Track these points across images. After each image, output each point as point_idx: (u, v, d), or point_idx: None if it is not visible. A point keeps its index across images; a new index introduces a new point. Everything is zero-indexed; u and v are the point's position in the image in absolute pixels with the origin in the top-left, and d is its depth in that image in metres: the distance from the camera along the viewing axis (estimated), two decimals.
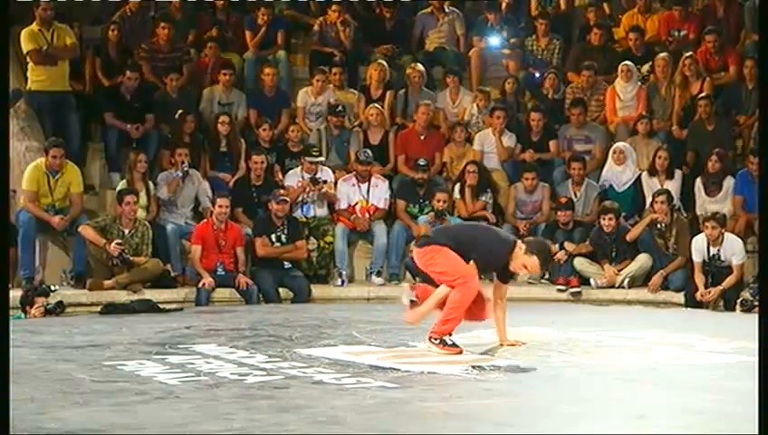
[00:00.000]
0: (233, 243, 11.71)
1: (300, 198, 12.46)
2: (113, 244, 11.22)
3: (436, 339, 7.63)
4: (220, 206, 11.62)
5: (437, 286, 7.77)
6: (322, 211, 12.63)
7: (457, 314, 7.62)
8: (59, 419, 5.41)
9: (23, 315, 10.23)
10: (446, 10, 14.99)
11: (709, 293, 11.02)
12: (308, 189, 12.47)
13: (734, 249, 11.14)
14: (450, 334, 7.65)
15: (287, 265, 11.93)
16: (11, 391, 5.67)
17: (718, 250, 11.13)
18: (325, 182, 12.54)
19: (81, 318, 10.24)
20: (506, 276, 7.90)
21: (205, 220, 11.91)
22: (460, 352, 7.53)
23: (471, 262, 7.62)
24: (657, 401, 5.96)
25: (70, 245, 11.80)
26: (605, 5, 15.57)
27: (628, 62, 13.72)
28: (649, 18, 14.82)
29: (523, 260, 7.68)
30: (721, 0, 14.46)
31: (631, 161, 12.80)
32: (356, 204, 12.62)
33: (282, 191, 12.21)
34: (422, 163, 12.67)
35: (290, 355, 7.44)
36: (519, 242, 7.85)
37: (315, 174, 12.51)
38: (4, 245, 10.32)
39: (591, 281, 11.91)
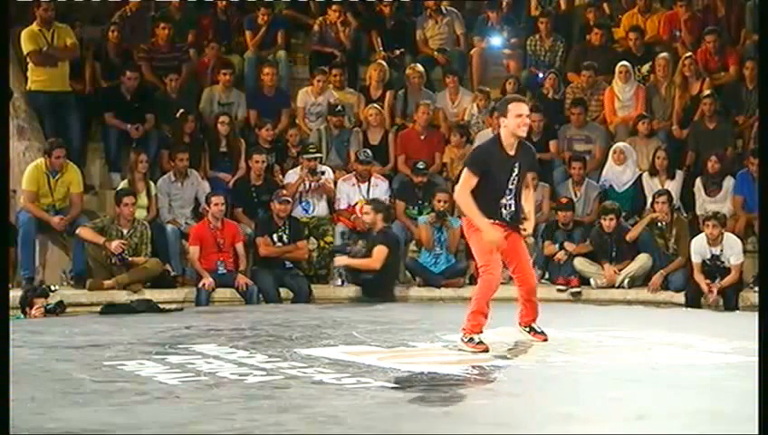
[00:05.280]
0: (231, 241, 11.71)
1: (299, 188, 12.44)
2: (117, 241, 11.22)
3: (465, 337, 7.69)
4: (216, 204, 11.62)
5: None
6: (322, 210, 12.63)
7: (478, 307, 7.70)
8: (59, 419, 5.42)
9: (22, 316, 10.23)
10: (445, 11, 14.99)
11: (712, 293, 11.05)
12: (307, 181, 12.47)
13: (733, 249, 11.16)
14: (480, 331, 7.69)
15: (288, 264, 11.94)
16: (11, 391, 5.67)
17: (719, 250, 11.15)
18: (323, 174, 12.55)
19: (81, 318, 10.24)
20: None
21: (201, 221, 11.91)
22: (486, 350, 7.54)
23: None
24: (657, 401, 5.96)
25: (70, 245, 11.80)
26: (605, 5, 15.58)
27: (625, 63, 13.73)
28: (649, 18, 14.83)
29: None
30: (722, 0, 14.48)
31: (632, 161, 12.81)
32: (356, 204, 12.62)
33: (284, 191, 12.21)
34: (421, 166, 12.67)
35: (290, 355, 7.43)
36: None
37: (315, 169, 12.52)
38: (4, 245, 10.33)
39: (591, 281, 11.91)
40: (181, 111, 12.91)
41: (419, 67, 14.01)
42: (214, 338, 8.37)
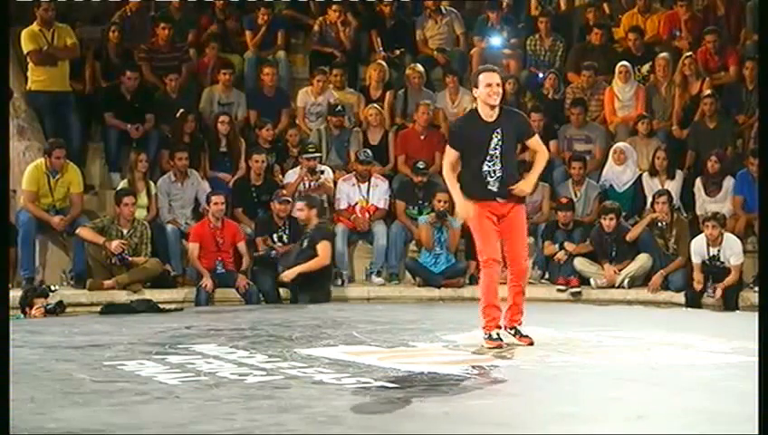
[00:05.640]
0: (231, 240, 11.71)
1: (299, 188, 12.43)
2: (117, 241, 11.22)
3: (485, 335, 7.79)
4: (216, 203, 11.62)
5: None
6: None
7: (487, 301, 7.79)
8: (59, 419, 5.42)
9: (22, 316, 10.23)
10: (444, 11, 14.99)
11: (714, 294, 11.06)
12: (306, 181, 12.47)
13: (732, 249, 11.17)
14: (497, 326, 7.79)
15: None
16: (11, 391, 5.67)
17: (718, 251, 11.15)
18: (322, 173, 12.55)
19: (81, 318, 10.25)
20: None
21: (201, 220, 11.90)
22: (500, 347, 7.65)
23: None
24: (657, 401, 5.96)
25: (70, 245, 11.81)
26: (605, 5, 15.57)
27: (625, 63, 13.73)
28: (649, 18, 14.83)
29: None
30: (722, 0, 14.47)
31: (632, 161, 12.81)
32: (356, 204, 12.62)
33: (284, 191, 12.22)
34: (421, 166, 12.67)
35: (290, 355, 7.43)
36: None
37: (314, 169, 12.52)
38: (4, 245, 10.33)
39: (591, 281, 11.91)
40: (181, 111, 12.91)
41: (419, 67, 14.00)
42: (214, 338, 8.38)
